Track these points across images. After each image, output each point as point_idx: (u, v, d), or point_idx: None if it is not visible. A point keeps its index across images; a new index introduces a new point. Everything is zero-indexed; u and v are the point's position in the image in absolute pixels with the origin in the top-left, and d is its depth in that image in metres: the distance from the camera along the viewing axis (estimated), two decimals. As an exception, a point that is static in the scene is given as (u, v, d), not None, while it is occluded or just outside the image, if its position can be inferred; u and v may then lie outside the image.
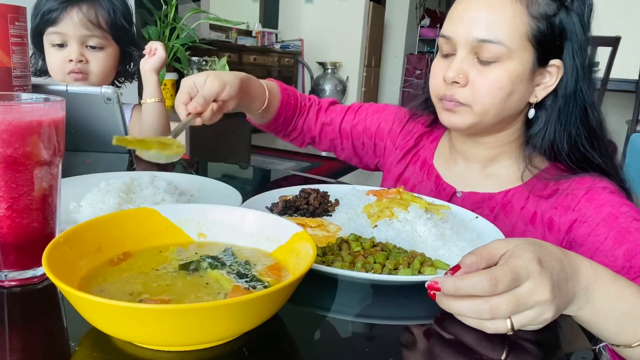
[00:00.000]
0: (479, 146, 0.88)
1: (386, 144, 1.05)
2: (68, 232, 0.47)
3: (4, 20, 0.72)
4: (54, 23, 1.15)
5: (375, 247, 0.62)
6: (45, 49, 1.20)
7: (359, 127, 1.06)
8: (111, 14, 1.20)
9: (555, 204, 0.80)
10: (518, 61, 0.76)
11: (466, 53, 0.78)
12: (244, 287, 0.46)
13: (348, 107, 1.09)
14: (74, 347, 0.41)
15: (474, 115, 0.80)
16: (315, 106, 1.09)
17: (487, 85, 0.77)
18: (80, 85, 1.17)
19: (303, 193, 0.79)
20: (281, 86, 1.04)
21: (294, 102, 1.05)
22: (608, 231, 0.74)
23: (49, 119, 0.49)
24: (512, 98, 0.79)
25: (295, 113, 1.07)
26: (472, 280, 0.46)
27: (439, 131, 1.01)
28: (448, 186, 0.92)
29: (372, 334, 0.50)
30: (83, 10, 1.16)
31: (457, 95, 0.79)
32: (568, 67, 0.79)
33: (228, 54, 4.03)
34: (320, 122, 1.08)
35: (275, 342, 0.45)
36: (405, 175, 1.01)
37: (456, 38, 0.78)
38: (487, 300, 0.46)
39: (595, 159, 0.80)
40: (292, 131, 1.09)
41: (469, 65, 0.78)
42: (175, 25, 2.90)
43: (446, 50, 0.81)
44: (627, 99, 3.57)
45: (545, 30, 0.76)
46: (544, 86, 0.80)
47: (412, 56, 7.09)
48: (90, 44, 1.19)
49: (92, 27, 1.17)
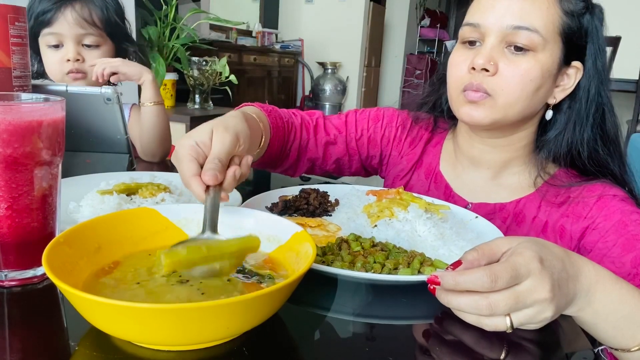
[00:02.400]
0: (491, 149, 0.86)
1: (391, 153, 1.00)
2: (68, 232, 0.47)
3: (4, 20, 0.72)
4: (49, 24, 1.15)
5: (375, 247, 0.62)
6: (42, 50, 1.20)
7: (363, 140, 1.00)
8: (104, 12, 1.20)
9: (567, 212, 0.80)
10: (550, 54, 0.75)
11: (497, 41, 0.75)
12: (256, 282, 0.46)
13: (345, 120, 1.00)
14: (74, 347, 0.41)
15: (498, 110, 0.76)
16: (310, 124, 0.97)
17: (518, 74, 0.74)
18: (79, 85, 1.17)
19: (303, 193, 0.79)
20: (265, 110, 0.88)
21: (281, 124, 0.91)
22: (617, 238, 0.73)
23: (49, 119, 0.49)
24: (539, 94, 0.77)
25: (289, 137, 0.94)
26: (472, 275, 0.46)
27: (439, 135, 0.98)
28: (460, 198, 0.90)
29: (372, 334, 0.50)
30: (77, 9, 1.16)
31: (485, 84, 0.75)
32: (588, 69, 0.78)
33: (228, 54, 4.03)
34: (322, 142, 0.97)
35: (275, 342, 0.45)
36: (410, 184, 0.98)
37: (487, 25, 0.76)
38: (486, 297, 0.46)
39: (614, 164, 0.80)
40: (285, 159, 0.96)
41: (499, 54, 0.75)
42: (175, 25, 2.90)
43: (471, 38, 0.78)
44: (627, 99, 3.57)
45: (573, 27, 0.76)
46: (562, 88, 0.79)
47: (412, 56, 7.08)
48: (85, 43, 1.19)
49: (86, 26, 1.17)
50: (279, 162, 0.96)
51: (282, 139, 0.91)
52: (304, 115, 0.99)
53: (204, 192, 0.52)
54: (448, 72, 0.83)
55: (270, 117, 0.88)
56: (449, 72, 0.83)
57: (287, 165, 0.97)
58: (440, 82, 0.93)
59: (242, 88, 4.18)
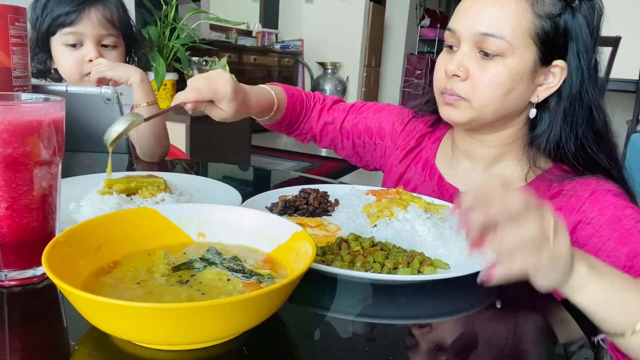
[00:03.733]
0: (482, 144, 0.88)
1: (387, 144, 1.05)
2: (68, 232, 0.47)
3: (4, 20, 0.72)
4: (72, 24, 1.15)
5: (374, 247, 0.62)
6: (56, 50, 1.19)
7: (360, 126, 1.07)
8: (120, 13, 1.21)
9: (560, 205, 0.80)
10: (519, 58, 0.77)
11: (469, 47, 0.79)
12: (255, 282, 0.46)
13: (351, 106, 1.10)
14: (74, 346, 0.41)
15: (473, 111, 0.80)
16: (319, 104, 1.09)
17: (486, 79, 0.77)
18: (81, 86, 1.16)
19: (303, 193, 0.79)
20: (287, 92, 1.04)
21: (300, 107, 1.06)
22: (611, 232, 0.74)
23: (48, 119, 0.49)
24: (512, 95, 0.79)
25: (301, 116, 1.07)
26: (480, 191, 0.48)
27: (441, 131, 1.00)
28: (451, 187, 0.92)
29: (372, 333, 0.50)
30: (100, 10, 1.16)
31: (457, 89, 0.80)
32: (573, 68, 0.79)
33: (228, 54, 4.03)
34: (322, 121, 1.08)
35: (275, 341, 0.45)
36: (406, 176, 1.00)
37: (460, 31, 0.79)
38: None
39: (602, 160, 0.81)
40: (296, 130, 1.10)
41: (470, 60, 0.79)
42: (175, 25, 2.90)
43: (449, 43, 0.83)
44: (627, 99, 3.56)
45: (549, 30, 0.76)
46: (547, 86, 0.80)
47: (412, 56, 7.09)
48: (105, 43, 1.19)
49: (109, 26, 1.18)
50: (292, 131, 1.11)
51: (296, 117, 1.07)
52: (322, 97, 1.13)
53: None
54: (434, 75, 0.87)
55: (290, 99, 1.03)
56: (434, 75, 0.87)
57: (297, 134, 1.12)
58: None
59: (242, 88, 4.17)
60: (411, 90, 6.94)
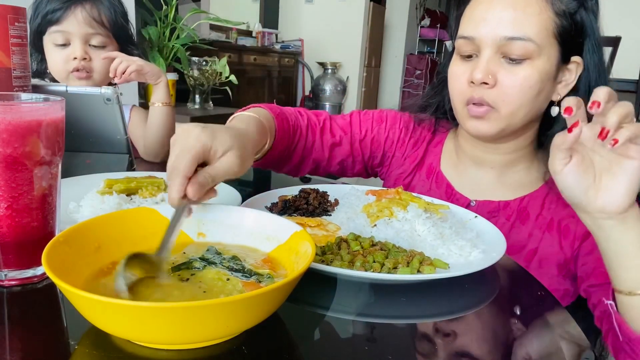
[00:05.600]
0: (495, 151, 0.86)
1: (395, 154, 1.00)
2: (68, 232, 0.47)
3: (4, 20, 0.73)
4: (58, 22, 1.15)
5: (374, 247, 0.62)
6: (46, 49, 1.20)
7: (367, 141, 1.00)
8: (112, 13, 1.21)
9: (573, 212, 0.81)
10: (546, 58, 0.76)
11: (492, 53, 0.76)
12: (255, 281, 0.46)
13: (349, 121, 1.00)
14: (74, 346, 0.41)
15: (502, 120, 0.78)
16: (316, 126, 0.97)
17: (517, 84, 0.75)
18: (81, 85, 1.17)
19: (302, 193, 0.79)
20: (273, 112, 0.87)
21: (287, 127, 0.90)
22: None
23: (48, 119, 0.49)
24: (540, 97, 0.78)
25: (293, 139, 0.93)
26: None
27: (440, 135, 0.98)
28: (461, 197, 0.90)
29: (371, 333, 0.50)
30: (87, 9, 1.16)
31: (486, 97, 0.77)
32: (588, 63, 0.79)
33: (228, 54, 4.03)
34: (328, 144, 0.97)
35: (274, 341, 0.45)
36: (412, 184, 0.98)
37: (480, 38, 0.77)
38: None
39: None
40: (289, 160, 0.95)
41: (496, 65, 0.76)
42: (176, 25, 2.90)
43: (467, 52, 0.80)
44: (627, 99, 3.56)
45: (567, 27, 0.76)
46: (565, 83, 0.80)
47: (412, 56, 7.08)
48: (93, 43, 1.19)
49: (96, 25, 1.18)
50: (283, 163, 0.95)
51: (287, 142, 0.90)
52: (311, 115, 0.98)
53: (179, 199, 0.50)
54: (449, 85, 0.84)
55: (277, 120, 0.87)
56: (451, 85, 0.84)
57: (291, 166, 0.97)
58: (442, 85, 0.93)
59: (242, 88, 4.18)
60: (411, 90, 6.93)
